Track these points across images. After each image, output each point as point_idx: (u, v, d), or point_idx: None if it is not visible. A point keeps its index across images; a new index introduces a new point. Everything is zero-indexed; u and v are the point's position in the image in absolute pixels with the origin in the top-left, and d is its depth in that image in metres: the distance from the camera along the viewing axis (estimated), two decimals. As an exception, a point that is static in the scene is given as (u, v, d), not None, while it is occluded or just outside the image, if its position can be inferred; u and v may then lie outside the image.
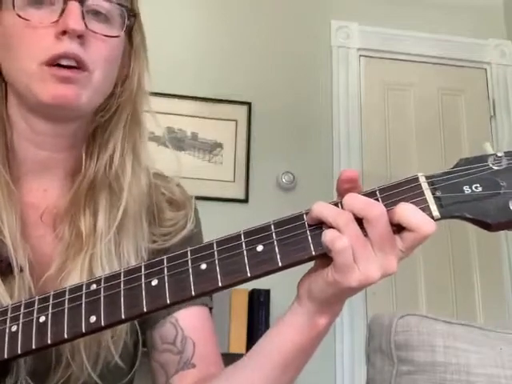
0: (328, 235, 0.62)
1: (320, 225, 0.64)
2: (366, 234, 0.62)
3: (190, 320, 0.88)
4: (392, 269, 0.62)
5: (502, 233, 0.71)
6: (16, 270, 0.78)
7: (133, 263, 0.83)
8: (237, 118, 3.16)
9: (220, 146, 3.11)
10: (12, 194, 0.82)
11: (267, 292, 2.72)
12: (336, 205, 0.65)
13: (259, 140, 3.16)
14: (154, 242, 0.89)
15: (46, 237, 0.86)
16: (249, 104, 3.18)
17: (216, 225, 0.95)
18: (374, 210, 0.62)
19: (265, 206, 3.05)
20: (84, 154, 0.88)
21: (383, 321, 1.04)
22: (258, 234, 0.66)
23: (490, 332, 1.02)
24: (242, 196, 3.06)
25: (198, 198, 0.96)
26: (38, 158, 0.86)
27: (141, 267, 0.67)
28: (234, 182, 3.08)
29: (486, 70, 3.52)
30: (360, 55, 3.42)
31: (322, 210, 0.64)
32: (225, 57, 3.24)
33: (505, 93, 3.48)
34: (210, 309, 0.93)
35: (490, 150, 0.67)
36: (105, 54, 0.83)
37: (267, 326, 2.68)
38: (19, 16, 0.77)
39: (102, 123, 0.87)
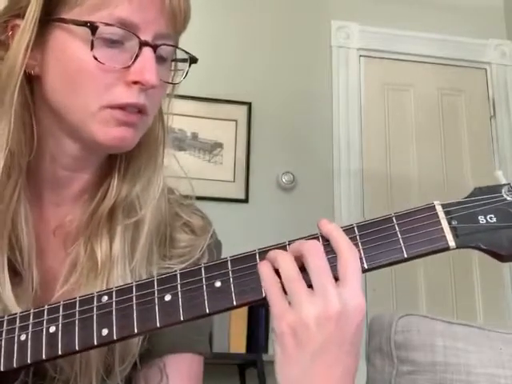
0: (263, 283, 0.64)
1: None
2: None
3: (177, 368, 0.84)
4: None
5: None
6: (25, 283, 0.77)
7: None
8: (237, 118, 3.16)
9: (220, 145, 3.11)
10: (29, 208, 0.80)
11: (267, 292, 2.72)
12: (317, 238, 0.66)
13: (259, 140, 3.16)
14: (163, 265, 0.85)
15: (55, 252, 0.84)
16: (249, 104, 3.18)
17: (216, 225, 0.95)
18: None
19: (265, 206, 3.05)
20: (103, 176, 0.85)
21: (383, 320, 1.04)
22: None
23: (490, 332, 1.02)
24: (242, 196, 3.07)
25: (198, 198, 0.96)
26: (58, 176, 0.83)
27: (153, 281, 0.66)
28: (234, 181, 3.09)
29: (486, 70, 3.52)
30: (360, 55, 3.42)
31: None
32: (225, 57, 3.24)
33: (505, 93, 3.48)
34: (205, 357, 0.89)
35: (502, 179, 0.67)
36: (160, 99, 0.83)
37: (267, 326, 2.68)
38: (95, 58, 0.74)
39: None
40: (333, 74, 3.34)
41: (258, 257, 0.65)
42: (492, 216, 0.65)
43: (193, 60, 0.83)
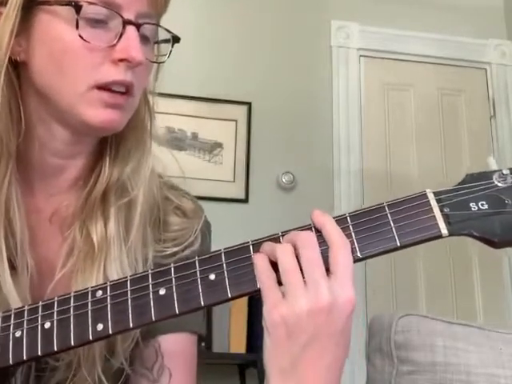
0: (258, 275, 0.64)
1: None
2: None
3: (172, 348, 0.85)
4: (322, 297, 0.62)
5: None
6: (19, 271, 0.78)
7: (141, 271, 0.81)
8: (237, 118, 3.16)
9: (220, 145, 3.11)
10: (21, 197, 0.80)
11: (267, 292, 2.71)
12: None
13: (259, 140, 3.16)
14: (157, 248, 0.86)
15: (50, 241, 0.84)
16: (249, 104, 3.18)
17: (216, 225, 0.95)
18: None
19: (265, 206, 3.05)
20: (95, 161, 0.86)
21: (383, 321, 1.04)
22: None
23: (490, 332, 1.02)
24: (242, 196, 3.07)
25: (198, 198, 0.96)
26: (48, 163, 0.84)
27: (148, 276, 0.66)
28: (234, 181, 3.09)
29: (486, 70, 3.52)
30: (360, 55, 3.42)
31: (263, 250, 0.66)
32: (225, 57, 3.24)
33: (505, 93, 3.48)
34: (200, 336, 0.89)
35: (493, 165, 0.67)
36: (146, 78, 0.84)
37: (267, 326, 2.68)
38: (81, 37, 0.74)
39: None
40: (333, 73, 3.34)
41: (251, 248, 0.66)
42: (483, 203, 0.64)
43: (175, 39, 0.84)
